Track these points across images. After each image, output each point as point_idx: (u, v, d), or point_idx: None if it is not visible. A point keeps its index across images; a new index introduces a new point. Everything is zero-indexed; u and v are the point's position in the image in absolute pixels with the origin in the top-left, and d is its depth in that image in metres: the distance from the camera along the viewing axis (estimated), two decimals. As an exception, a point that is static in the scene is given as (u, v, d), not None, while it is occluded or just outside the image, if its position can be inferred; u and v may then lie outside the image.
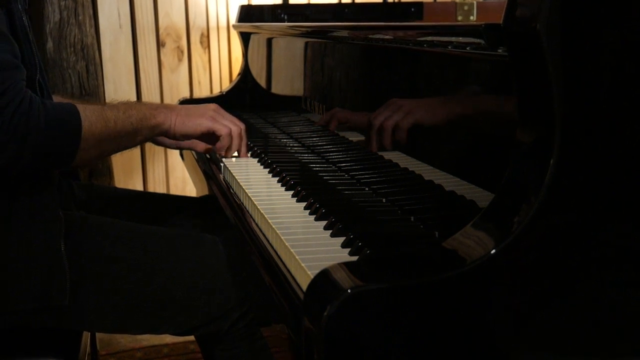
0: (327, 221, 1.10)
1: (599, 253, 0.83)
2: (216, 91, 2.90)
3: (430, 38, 1.12)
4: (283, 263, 1.01)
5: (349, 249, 0.98)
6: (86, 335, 1.41)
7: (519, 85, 0.83)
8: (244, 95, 2.32)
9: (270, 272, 1.03)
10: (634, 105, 0.81)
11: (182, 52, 2.89)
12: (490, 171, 0.96)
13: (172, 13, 2.85)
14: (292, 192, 1.30)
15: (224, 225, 1.38)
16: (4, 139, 1.08)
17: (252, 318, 1.32)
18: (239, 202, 1.33)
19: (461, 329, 0.79)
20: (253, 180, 1.41)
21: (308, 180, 1.41)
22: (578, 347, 0.85)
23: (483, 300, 0.80)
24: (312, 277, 0.82)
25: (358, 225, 1.06)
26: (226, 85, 2.83)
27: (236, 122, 1.47)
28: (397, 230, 1.07)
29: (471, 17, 2.05)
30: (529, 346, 0.82)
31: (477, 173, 1.02)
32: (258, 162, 1.56)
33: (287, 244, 1.01)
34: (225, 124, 1.44)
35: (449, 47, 1.05)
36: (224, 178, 1.49)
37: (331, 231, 1.06)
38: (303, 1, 3.09)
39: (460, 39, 1.01)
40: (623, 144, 0.82)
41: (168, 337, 2.30)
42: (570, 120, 0.78)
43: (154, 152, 2.88)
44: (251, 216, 1.24)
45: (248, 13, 2.40)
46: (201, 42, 2.93)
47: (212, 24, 2.95)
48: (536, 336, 0.82)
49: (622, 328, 0.86)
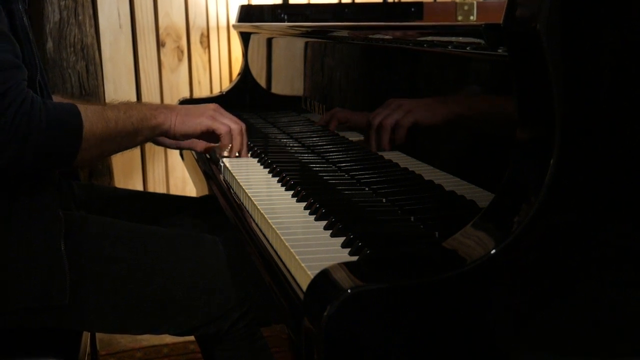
0: (327, 221, 1.10)
1: (599, 253, 0.83)
2: (216, 91, 2.90)
3: (430, 38, 1.12)
4: (283, 263, 1.01)
5: (349, 249, 0.98)
6: (86, 335, 1.41)
7: (519, 85, 0.83)
8: (244, 95, 2.32)
9: (270, 272, 1.03)
10: (634, 105, 0.81)
11: (182, 52, 2.89)
12: (490, 171, 0.96)
13: (172, 13, 2.85)
14: (292, 192, 1.30)
15: (224, 225, 1.38)
16: (6, 139, 1.08)
17: (252, 318, 1.32)
18: (239, 202, 1.33)
19: (461, 329, 0.79)
20: (253, 180, 1.41)
21: (308, 180, 1.41)
22: (578, 347, 0.85)
23: (483, 300, 0.80)
24: (312, 277, 0.82)
25: (358, 225, 1.06)
26: (226, 85, 2.83)
27: (236, 121, 1.48)
28: (397, 230, 1.07)
29: (471, 17, 2.05)
30: (529, 346, 0.82)
31: (477, 173, 1.02)
32: (258, 162, 1.56)
33: (287, 244, 1.01)
34: (224, 123, 1.44)
35: (449, 47, 1.05)
36: (224, 178, 1.49)
37: (331, 231, 1.06)
38: (303, 1, 3.09)
39: (460, 39, 1.01)
40: (623, 144, 0.82)
41: (168, 337, 2.30)
42: (570, 120, 0.78)
43: (154, 152, 2.88)
44: (251, 216, 1.24)
45: (248, 13, 2.40)
46: (201, 42, 2.93)
47: (212, 24, 2.95)
48: (536, 336, 0.82)
49: (622, 328, 0.86)
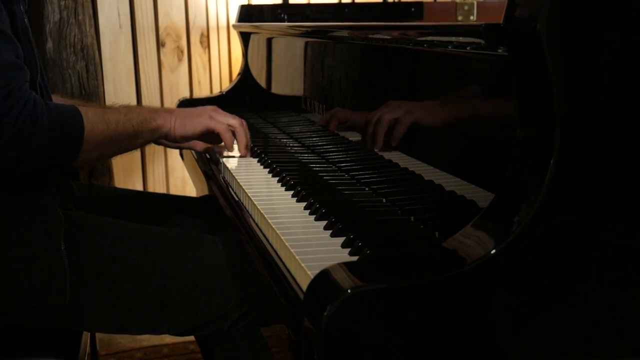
0: (327, 221, 1.10)
1: (599, 253, 0.83)
2: (216, 91, 2.90)
3: (430, 38, 1.12)
4: (283, 263, 1.01)
5: (349, 249, 0.98)
6: (86, 335, 1.41)
7: (519, 85, 0.83)
8: (244, 95, 2.32)
9: (270, 272, 1.03)
10: (634, 105, 0.81)
11: (182, 52, 2.89)
12: (490, 171, 0.96)
13: (172, 13, 2.85)
14: (292, 192, 1.30)
15: (224, 225, 1.38)
16: (9, 140, 1.09)
17: (252, 318, 1.32)
18: (239, 202, 1.33)
19: (461, 329, 0.79)
20: (253, 180, 1.41)
21: (308, 180, 1.41)
22: (578, 347, 0.85)
23: (483, 300, 0.80)
24: (312, 277, 0.82)
25: (358, 225, 1.06)
26: (226, 85, 2.83)
27: (235, 117, 1.49)
28: (397, 230, 1.08)
29: (471, 17, 2.04)
30: (529, 346, 0.82)
31: (477, 173, 1.02)
32: (258, 162, 1.56)
33: (287, 244, 1.01)
34: (222, 121, 1.46)
35: (449, 47, 1.05)
36: (224, 178, 1.49)
37: (331, 231, 1.06)
38: (303, 1, 3.09)
39: (460, 39, 1.01)
40: (623, 144, 0.82)
41: (168, 337, 2.30)
42: (570, 120, 0.78)
43: (154, 152, 2.88)
44: (251, 216, 1.24)
45: (248, 13, 2.40)
46: (201, 42, 2.92)
47: (212, 24, 2.95)
48: (536, 336, 0.82)
49: (622, 328, 0.86)
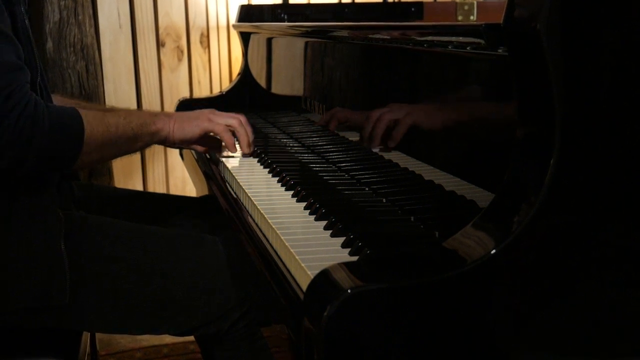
0: (327, 221, 1.10)
1: (599, 253, 0.83)
2: (216, 91, 2.90)
3: (430, 38, 1.12)
4: (283, 263, 1.01)
5: (349, 249, 0.98)
6: (86, 335, 1.41)
7: (519, 85, 0.83)
8: (244, 95, 2.31)
9: (270, 272, 1.03)
10: (634, 105, 0.81)
11: (182, 52, 2.89)
12: (490, 171, 0.96)
13: (172, 13, 2.85)
14: (292, 192, 1.30)
15: (224, 225, 1.38)
16: (9, 141, 1.09)
17: (252, 318, 1.32)
18: (239, 202, 1.33)
19: (461, 329, 0.79)
20: (253, 180, 1.41)
21: (308, 180, 1.41)
22: (578, 347, 0.85)
23: (483, 300, 0.80)
24: (312, 277, 0.82)
25: (358, 225, 1.06)
26: (226, 85, 2.83)
27: (233, 116, 1.49)
28: (397, 230, 1.07)
29: (471, 17, 2.04)
30: (529, 346, 0.82)
31: (477, 173, 1.02)
32: (258, 162, 1.56)
33: (287, 244, 1.01)
34: (220, 122, 1.46)
35: (449, 47, 1.05)
36: (224, 178, 1.49)
37: (331, 231, 1.06)
38: (303, 1, 3.09)
39: (460, 39, 1.01)
40: (623, 144, 0.82)
41: (168, 337, 2.30)
42: (570, 120, 0.78)
43: (154, 152, 2.88)
44: (251, 216, 1.24)
45: (248, 13, 2.40)
46: (201, 42, 2.92)
47: (212, 24, 2.95)
48: (536, 336, 0.82)
49: (622, 328, 0.86)
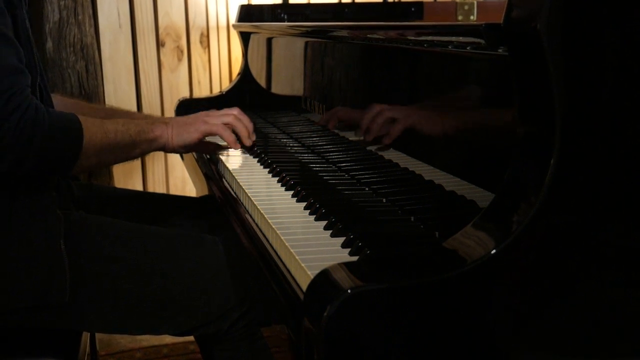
0: (327, 221, 1.10)
1: (599, 253, 0.83)
2: (216, 91, 2.90)
3: (430, 38, 1.12)
4: (283, 263, 1.01)
5: (349, 249, 0.98)
6: (86, 335, 1.41)
7: (519, 85, 0.83)
8: (244, 95, 2.31)
9: (270, 272, 1.03)
10: (635, 105, 0.81)
11: (182, 52, 2.89)
12: (490, 171, 0.96)
13: (172, 13, 2.85)
14: (292, 192, 1.29)
15: (224, 225, 1.38)
16: (9, 144, 1.10)
17: (252, 318, 1.32)
18: (239, 202, 1.33)
19: (461, 329, 0.79)
20: (253, 180, 1.41)
21: (308, 180, 1.41)
22: (578, 347, 0.85)
23: (483, 300, 0.80)
24: (312, 277, 0.82)
25: (358, 225, 1.06)
26: (226, 85, 2.82)
27: (227, 113, 1.50)
28: (397, 230, 1.07)
29: (471, 17, 2.04)
30: (529, 346, 0.82)
31: (477, 173, 1.02)
32: (258, 162, 1.56)
33: (287, 244, 1.01)
34: (217, 122, 1.46)
35: (449, 47, 1.05)
36: (224, 178, 1.49)
37: (331, 231, 1.06)
38: (303, 1, 3.09)
39: (460, 39, 1.01)
40: (623, 144, 0.82)
41: (168, 338, 2.30)
42: (570, 120, 0.78)
43: (154, 153, 2.87)
44: (251, 216, 1.24)
45: (248, 13, 2.40)
46: (201, 42, 2.92)
47: (212, 24, 2.95)
48: (536, 336, 0.82)
49: (622, 328, 0.86)
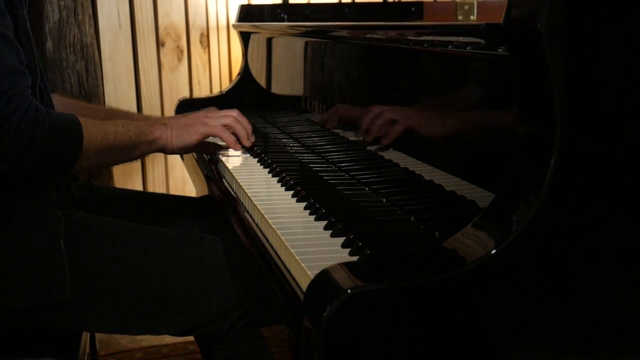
0: (327, 221, 1.10)
1: (599, 253, 0.83)
2: (216, 91, 2.90)
3: (430, 38, 1.12)
4: (283, 263, 1.01)
5: (349, 249, 0.98)
6: (86, 335, 1.41)
7: (519, 85, 0.83)
8: (244, 95, 2.31)
9: (270, 272, 1.03)
10: (635, 105, 0.81)
11: (182, 52, 2.89)
12: (490, 171, 0.96)
13: (172, 13, 2.85)
14: (292, 192, 1.29)
15: (224, 225, 1.38)
16: (10, 145, 1.10)
17: (252, 318, 1.32)
18: (239, 202, 1.33)
19: (461, 329, 0.79)
20: (253, 180, 1.41)
21: (308, 180, 1.41)
22: (578, 347, 0.85)
23: (483, 300, 0.80)
24: (312, 277, 0.82)
25: (358, 225, 1.06)
26: (226, 85, 2.82)
27: (226, 114, 1.50)
28: (397, 230, 1.07)
29: (471, 17, 2.04)
30: (529, 346, 0.82)
31: (477, 173, 1.02)
32: (258, 162, 1.56)
33: (287, 244, 1.01)
34: (216, 124, 1.46)
35: (449, 47, 1.05)
36: (224, 178, 1.49)
37: (331, 231, 1.06)
38: (303, 1, 3.09)
39: (460, 39, 1.01)
40: (623, 144, 0.82)
41: (168, 338, 2.30)
42: (570, 120, 0.78)
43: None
44: (251, 216, 1.24)
45: (248, 13, 2.40)
46: (201, 42, 2.92)
47: (212, 24, 2.95)
48: (536, 336, 0.82)
49: (622, 328, 0.86)
